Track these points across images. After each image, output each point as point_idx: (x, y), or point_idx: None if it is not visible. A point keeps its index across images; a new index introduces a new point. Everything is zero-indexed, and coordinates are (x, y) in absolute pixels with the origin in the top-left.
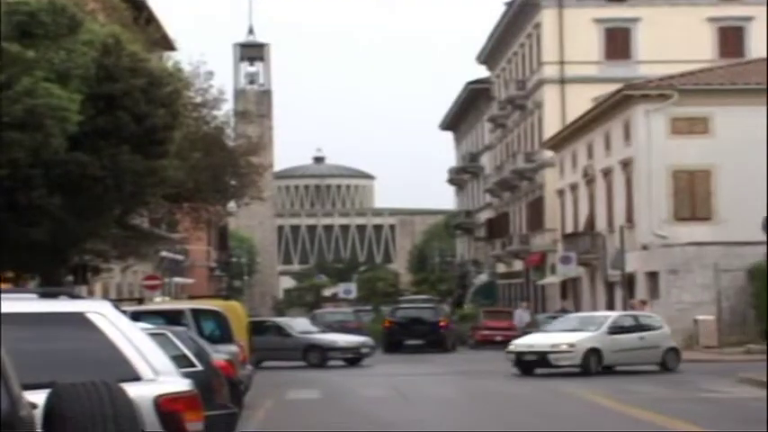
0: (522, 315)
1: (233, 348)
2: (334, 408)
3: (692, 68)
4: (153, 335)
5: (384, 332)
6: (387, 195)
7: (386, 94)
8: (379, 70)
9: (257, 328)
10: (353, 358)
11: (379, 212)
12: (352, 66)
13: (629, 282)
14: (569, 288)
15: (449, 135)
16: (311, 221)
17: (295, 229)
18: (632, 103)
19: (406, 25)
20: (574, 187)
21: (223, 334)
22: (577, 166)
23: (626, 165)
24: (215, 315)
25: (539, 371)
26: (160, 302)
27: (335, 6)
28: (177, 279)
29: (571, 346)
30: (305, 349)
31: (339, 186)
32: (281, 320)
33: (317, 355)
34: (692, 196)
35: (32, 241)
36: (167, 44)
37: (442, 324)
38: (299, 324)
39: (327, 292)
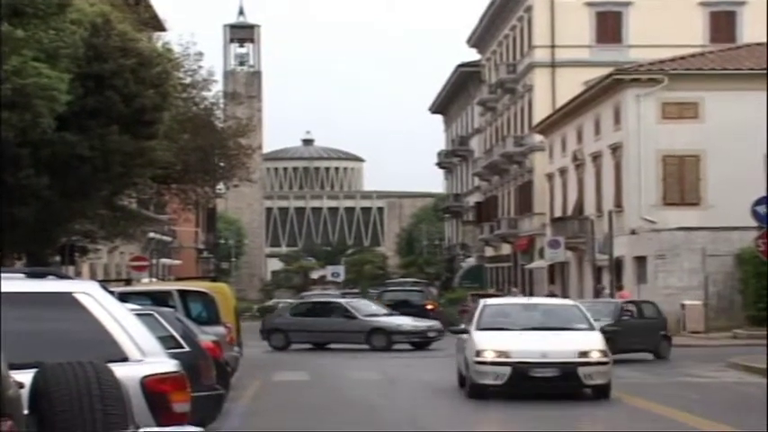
0: None
1: (220, 330)
2: (322, 390)
3: (682, 53)
4: (140, 316)
5: None
6: (375, 178)
7: (376, 76)
8: (370, 53)
9: (321, 309)
10: (420, 342)
11: (367, 195)
12: (342, 48)
13: (617, 266)
14: (557, 272)
15: (438, 118)
16: (300, 204)
17: (283, 211)
18: (622, 88)
19: (396, 7)
20: (563, 171)
21: (210, 315)
22: (567, 151)
23: (615, 149)
24: (202, 296)
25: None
26: (147, 283)
27: None
28: (165, 260)
29: (604, 354)
30: (369, 332)
31: (328, 169)
32: (346, 302)
33: (381, 339)
34: (681, 181)
35: (20, 221)
36: (157, 24)
37: (429, 307)
38: (364, 306)
39: (315, 275)
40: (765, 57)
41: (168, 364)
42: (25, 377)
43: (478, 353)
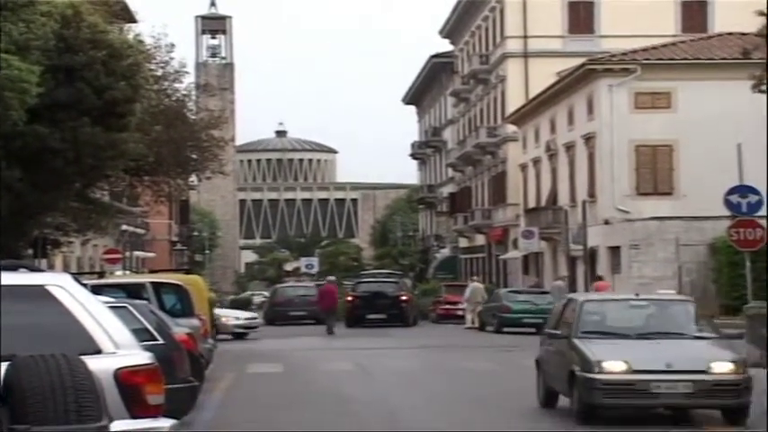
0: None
1: (194, 322)
2: (296, 381)
3: (655, 43)
4: (114, 308)
5: (346, 306)
6: (349, 169)
7: (349, 67)
8: (342, 43)
9: None
10: None
11: (341, 187)
12: (315, 39)
13: (591, 256)
14: (531, 263)
15: (412, 109)
16: (273, 195)
17: (257, 203)
18: (595, 78)
19: None
20: (536, 162)
21: (184, 308)
22: (540, 141)
23: (588, 139)
24: (176, 289)
25: None
26: (121, 276)
27: None
28: (138, 253)
29: None
30: None
31: (301, 160)
32: None
33: None
34: (655, 171)
35: None
36: (128, 16)
37: (403, 298)
38: None
39: (289, 267)
40: (738, 46)
41: (142, 357)
42: None
43: None
